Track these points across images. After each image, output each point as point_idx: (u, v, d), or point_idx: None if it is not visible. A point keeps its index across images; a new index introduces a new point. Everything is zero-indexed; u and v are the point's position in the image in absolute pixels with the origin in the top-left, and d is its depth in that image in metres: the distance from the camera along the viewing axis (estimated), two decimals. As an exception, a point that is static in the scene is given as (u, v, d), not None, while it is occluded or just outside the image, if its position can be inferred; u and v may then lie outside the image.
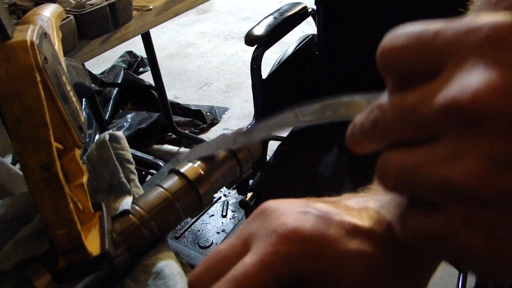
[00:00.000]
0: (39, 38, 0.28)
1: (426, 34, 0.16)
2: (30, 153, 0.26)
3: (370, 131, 0.18)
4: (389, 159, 0.17)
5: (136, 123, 1.91)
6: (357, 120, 0.20)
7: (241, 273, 0.22)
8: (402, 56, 0.17)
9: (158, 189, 0.36)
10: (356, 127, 0.19)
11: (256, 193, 0.90)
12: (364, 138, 0.19)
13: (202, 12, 3.49)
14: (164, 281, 0.31)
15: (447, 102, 0.15)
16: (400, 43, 0.17)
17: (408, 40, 0.17)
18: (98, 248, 0.30)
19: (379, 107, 0.18)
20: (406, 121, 0.16)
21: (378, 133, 0.18)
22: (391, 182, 0.17)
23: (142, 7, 1.11)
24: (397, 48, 0.17)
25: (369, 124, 0.18)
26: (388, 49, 0.17)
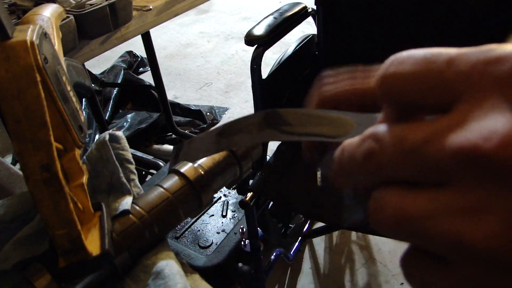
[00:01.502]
0: (39, 38, 0.28)
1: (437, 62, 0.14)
2: (30, 153, 0.26)
3: (362, 163, 0.16)
4: (385, 199, 0.15)
5: (136, 123, 1.91)
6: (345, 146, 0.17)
7: None
8: (407, 85, 0.15)
9: (158, 189, 0.36)
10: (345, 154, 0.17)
11: (256, 193, 0.90)
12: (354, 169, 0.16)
13: (202, 12, 3.49)
14: (164, 281, 0.31)
15: (465, 147, 0.13)
16: (406, 70, 0.15)
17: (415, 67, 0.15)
18: (98, 248, 0.30)
19: (375, 138, 0.15)
20: (409, 160, 0.14)
21: (372, 168, 0.15)
22: (388, 226, 0.15)
23: (142, 7, 1.11)
24: (401, 76, 0.15)
25: (362, 156, 0.16)
26: (390, 76, 0.15)
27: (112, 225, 0.33)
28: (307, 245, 1.44)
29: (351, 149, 0.16)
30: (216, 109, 2.20)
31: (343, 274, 1.34)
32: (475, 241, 0.12)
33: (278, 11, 1.01)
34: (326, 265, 1.38)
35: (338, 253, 1.41)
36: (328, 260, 1.39)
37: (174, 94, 2.40)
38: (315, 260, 1.40)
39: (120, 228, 0.33)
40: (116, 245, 0.32)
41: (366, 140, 0.16)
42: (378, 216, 0.15)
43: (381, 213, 0.15)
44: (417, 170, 0.14)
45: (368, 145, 0.15)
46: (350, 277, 1.33)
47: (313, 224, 1.45)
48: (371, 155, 0.15)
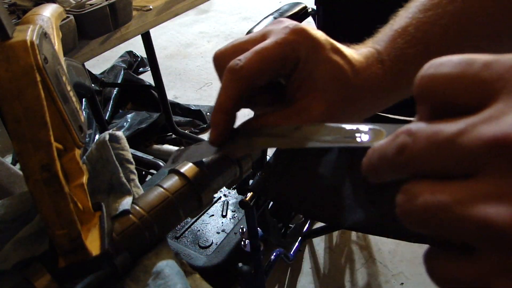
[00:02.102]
0: (39, 38, 0.28)
1: (474, 65, 0.15)
2: (30, 153, 0.26)
3: (394, 158, 0.17)
4: (416, 190, 0.16)
5: (136, 123, 1.91)
6: (376, 146, 0.18)
7: (260, 48, 0.31)
8: (445, 86, 0.16)
9: (158, 189, 0.36)
10: (376, 152, 0.18)
11: (256, 193, 0.90)
12: (384, 165, 0.17)
13: (202, 12, 3.49)
14: (164, 281, 0.31)
15: (498, 135, 0.14)
16: (445, 72, 0.16)
17: (453, 70, 0.16)
18: (98, 248, 0.30)
19: (408, 132, 0.16)
20: (443, 151, 0.15)
21: (404, 161, 0.16)
22: (418, 218, 0.16)
23: (142, 7, 1.11)
24: (440, 77, 0.16)
25: (394, 151, 0.17)
26: (430, 77, 0.16)
27: (112, 225, 0.33)
28: (307, 245, 1.44)
29: (382, 147, 0.18)
30: (216, 109, 2.20)
31: (343, 274, 1.34)
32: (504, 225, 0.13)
33: (278, 11, 1.01)
34: (326, 265, 1.38)
35: (338, 253, 1.41)
36: (328, 260, 1.39)
37: (174, 94, 2.40)
38: (315, 260, 1.40)
39: (120, 228, 0.33)
40: (116, 245, 0.32)
41: (399, 136, 0.17)
42: (408, 206, 0.16)
43: (411, 203, 0.16)
44: (450, 161, 0.15)
45: (401, 140, 0.16)
46: (350, 277, 1.33)
47: (313, 224, 1.45)
48: (404, 148, 0.16)
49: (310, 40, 0.32)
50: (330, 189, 0.91)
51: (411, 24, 0.35)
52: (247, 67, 0.31)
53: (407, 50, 0.35)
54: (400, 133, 0.17)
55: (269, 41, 0.31)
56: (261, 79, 0.32)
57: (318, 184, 0.94)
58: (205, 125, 2.08)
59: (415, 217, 0.16)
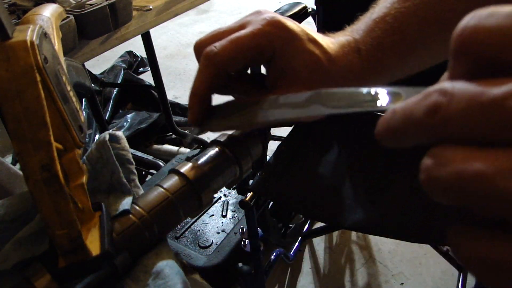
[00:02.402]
0: (39, 38, 0.28)
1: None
2: (30, 153, 0.26)
3: (424, 120, 0.14)
4: (448, 156, 0.14)
5: (136, 123, 1.91)
6: (398, 107, 0.16)
7: (236, 37, 0.33)
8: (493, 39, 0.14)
9: (158, 189, 0.36)
10: (397, 114, 0.16)
11: (256, 193, 0.90)
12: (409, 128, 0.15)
13: (202, 12, 3.49)
14: (164, 281, 0.31)
15: None
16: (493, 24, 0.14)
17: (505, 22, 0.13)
18: (98, 248, 0.30)
19: (443, 92, 0.14)
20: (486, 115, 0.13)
21: (437, 124, 0.14)
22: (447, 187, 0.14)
23: (142, 7, 1.11)
24: (486, 29, 0.14)
25: (424, 111, 0.14)
26: (474, 28, 0.14)
27: (112, 225, 0.33)
28: (307, 245, 1.44)
29: (407, 107, 0.15)
30: (216, 109, 2.20)
31: (343, 274, 1.34)
32: None
33: (278, 11, 1.01)
34: (326, 265, 1.38)
35: (338, 253, 1.41)
36: (328, 260, 1.39)
37: (174, 94, 2.40)
38: (315, 260, 1.40)
39: (120, 228, 0.33)
40: (116, 245, 0.32)
41: (430, 95, 0.14)
42: (438, 172, 0.14)
43: (442, 169, 0.14)
44: (494, 127, 0.13)
45: (434, 99, 0.14)
46: (350, 277, 1.33)
47: (313, 224, 1.45)
48: (436, 110, 0.14)
49: (285, 31, 0.34)
50: (330, 189, 0.91)
51: (389, 14, 0.36)
52: (221, 53, 0.33)
53: (384, 39, 0.35)
54: (432, 92, 0.14)
55: (245, 31, 0.33)
56: (234, 66, 0.34)
57: (318, 184, 0.94)
58: (205, 125, 2.07)
59: (444, 185, 0.14)
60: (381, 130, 0.17)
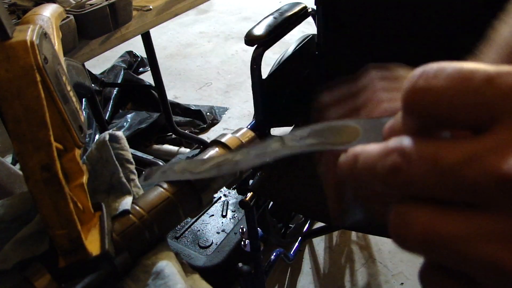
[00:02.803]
0: (39, 38, 0.28)
1: (475, 80, 0.13)
2: (30, 153, 0.26)
3: (386, 178, 0.15)
4: (413, 215, 0.14)
5: (136, 123, 1.91)
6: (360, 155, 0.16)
7: None
8: (439, 101, 0.14)
9: (158, 189, 0.36)
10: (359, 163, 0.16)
11: (256, 193, 0.90)
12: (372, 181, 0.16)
13: (202, 12, 3.49)
14: (164, 281, 0.31)
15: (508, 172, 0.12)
16: (439, 85, 0.14)
17: (449, 83, 0.14)
18: (98, 248, 0.30)
19: (402, 153, 0.14)
20: (444, 180, 0.13)
21: (397, 184, 0.15)
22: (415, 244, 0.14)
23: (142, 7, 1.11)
24: (433, 90, 0.14)
25: (386, 171, 0.15)
26: (421, 90, 0.14)
27: (112, 225, 0.33)
28: (307, 245, 1.44)
29: (369, 159, 0.16)
30: (216, 109, 2.20)
31: (343, 274, 1.34)
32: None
33: (278, 11, 1.01)
34: (326, 265, 1.38)
35: (338, 253, 1.41)
36: (328, 260, 1.39)
37: (174, 94, 2.40)
38: (315, 260, 1.40)
39: (120, 228, 0.33)
40: (116, 245, 0.32)
41: (390, 154, 0.15)
42: (403, 232, 0.14)
43: (407, 229, 0.14)
44: (452, 191, 0.13)
45: (394, 160, 0.15)
46: (350, 277, 1.33)
47: (313, 224, 1.45)
48: (397, 171, 0.15)
49: None
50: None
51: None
52: None
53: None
54: (391, 150, 0.15)
55: None
56: None
57: (318, 184, 0.93)
58: (205, 125, 2.08)
59: (411, 243, 0.14)
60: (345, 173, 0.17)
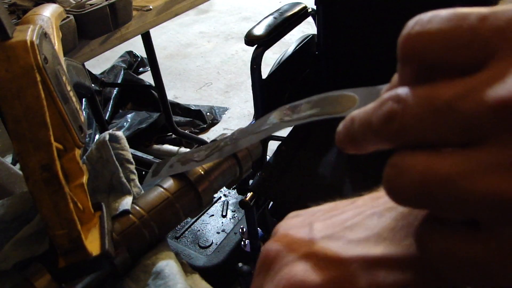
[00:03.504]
0: (39, 38, 0.28)
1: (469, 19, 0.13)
2: (30, 153, 0.26)
3: (381, 128, 0.15)
4: (409, 162, 0.14)
5: (136, 123, 1.91)
6: (356, 115, 0.16)
7: None
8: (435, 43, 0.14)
9: (158, 189, 0.36)
10: (356, 122, 0.16)
11: (256, 193, 0.90)
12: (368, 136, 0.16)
13: (202, 12, 3.49)
14: (164, 281, 0.31)
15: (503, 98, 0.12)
16: (434, 28, 0.14)
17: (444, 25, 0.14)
18: (98, 248, 0.30)
19: (397, 99, 0.14)
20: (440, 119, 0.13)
21: (393, 131, 0.14)
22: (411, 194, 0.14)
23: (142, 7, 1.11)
24: (428, 34, 0.14)
25: (380, 120, 0.15)
26: (416, 35, 0.14)
27: (112, 225, 0.33)
28: (307, 245, 1.44)
29: (364, 115, 0.16)
30: (216, 109, 2.20)
31: (343, 274, 1.34)
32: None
33: (278, 11, 1.01)
34: (326, 265, 1.38)
35: (338, 253, 1.41)
36: (328, 260, 1.39)
37: (174, 94, 2.40)
38: (315, 260, 1.39)
39: (120, 228, 0.33)
40: (116, 245, 0.32)
41: (384, 104, 0.15)
42: (399, 181, 0.14)
43: (403, 177, 0.14)
44: (449, 129, 0.13)
45: (389, 107, 0.14)
46: (350, 277, 1.33)
47: (313, 224, 1.45)
48: (392, 117, 0.14)
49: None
50: (330, 189, 0.91)
51: None
52: None
53: None
54: (386, 100, 0.15)
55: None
56: None
57: (318, 184, 0.94)
58: (205, 125, 2.08)
59: (407, 193, 0.14)
60: (342, 137, 0.17)
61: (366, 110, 0.16)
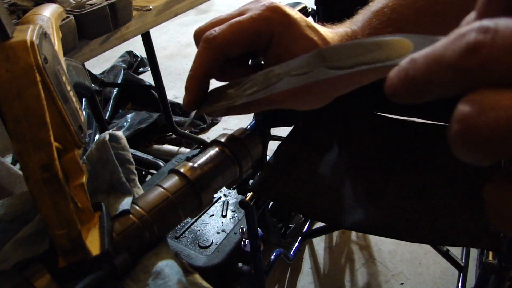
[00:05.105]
0: (39, 38, 0.28)
1: None
2: (30, 153, 0.26)
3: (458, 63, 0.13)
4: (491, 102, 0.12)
5: (136, 123, 1.91)
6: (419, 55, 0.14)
7: (235, 21, 0.34)
8: None
9: (158, 189, 0.36)
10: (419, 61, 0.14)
11: (256, 193, 0.90)
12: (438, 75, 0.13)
13: (202, 12, 3.49)
14: (164, 281, 0.31)
15: None
16: None
17: None
18: (98, 248, 0.30)
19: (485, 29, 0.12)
20: None
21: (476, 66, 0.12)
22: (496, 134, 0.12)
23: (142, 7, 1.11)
24: None
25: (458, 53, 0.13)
26: None
27: (112, 225, 0.33)
28: (307, 245, 1.44)
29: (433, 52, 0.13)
30: (216, 109, 2.20)
31: (343, 274, 1.34)
32: None
33: (278, 11, 1.01)
34: (326, 265, 1.38)
35: (338, 253, 1.41)
36: (328, 260, 1.39)
37: (174, 94, 2.40)
38: (315, 260, 1.40)
39: (120, 228, 0.33)
40: (116, 245, 0.32)
41: (466, 35, 0.13)
42: (478, 120, 0.12)
43: (487, 114, 0.12)
44: None
45: (473, 38, 0.12)
46: (350, 277, 1.33)
47: (313, 224, 1.45)
48: (477, 49, 0.12)
49: (284, 17, 0.34)
50: (330, 189, 0.91)
51: (387, 6, 0.37)
52: (220, 36, 0.33)
53: (381, 30, 0.36)
54: (468, 31, 0.13)
55: (244, 16, 0.34)
56: (234, 49, 0.34)
57: (318, 184, 0.94)
58: (205, 125, 2.08)
59: (486, 134, 0.12)
60: (396, 81, 0.15)
61: (435, 47, 0.13)
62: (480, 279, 0.84)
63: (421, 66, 0.14)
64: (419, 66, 0.14)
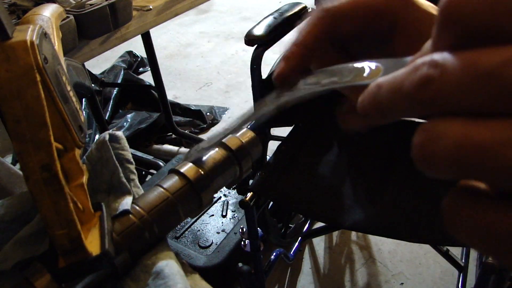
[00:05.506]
0: (39, 38, 0.28)
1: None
2: (30, 153, 0.26)
3: (415, 93, 0.14)
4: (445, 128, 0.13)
5: (136, 123, 1.91)
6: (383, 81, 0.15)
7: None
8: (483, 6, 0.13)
9: (158, 189, 0.36)
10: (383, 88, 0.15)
11: (256, 193, 0.90)
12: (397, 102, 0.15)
13: (202, 12, 3.49)
14: (164, 281, 0.31)
15: None
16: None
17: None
18: (98, 248, 0.30)
19: (433, 64, 0.13)
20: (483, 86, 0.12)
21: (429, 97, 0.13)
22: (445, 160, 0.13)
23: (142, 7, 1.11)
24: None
25: (414, 85, 0.14)
26: None
27: (112, 225, 0.33)
28: (307, 245, 1.44)
29: (394, 80, 0.15)
30: (216, 109, 2.20)
31: (343, 274, 1.34)
32: None
33: (278, 11, 1.01)
34: (326, 265, 1.38)
35: (338, 253, 1.41)
36: (328, 260, 1.39)
37: (174, 94, 2.40)
38: (315, 260, 1.40)
39: (120, 228, 0.33)
40: (116, 245, 0.32)
41: (419, 68, 0.14)
42: (432, 148, 0.13)
43: (438, 143, 0.13)
44: (491, 97, 0.12)
45: (425, 72, 0.14)
46: (350, 277, 1.33)
47: (313, 224, 1.45)
48: (428, 82, 0.13)
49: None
50: (330, 189, 0.91)
51: None
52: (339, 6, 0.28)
53: None
54: (421, 64, 0.14)
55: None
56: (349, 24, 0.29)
57: (318, 184, 0.93)
58: (205, 125, 2.08)
59: (440, 160, 0.13)
60: (366, 104, 0.16)
61: (396, 76, 0.15)
62: (480, 279, 0.84)
63: (385, 94, 0.15)
64: (383, 93, 0.15)
